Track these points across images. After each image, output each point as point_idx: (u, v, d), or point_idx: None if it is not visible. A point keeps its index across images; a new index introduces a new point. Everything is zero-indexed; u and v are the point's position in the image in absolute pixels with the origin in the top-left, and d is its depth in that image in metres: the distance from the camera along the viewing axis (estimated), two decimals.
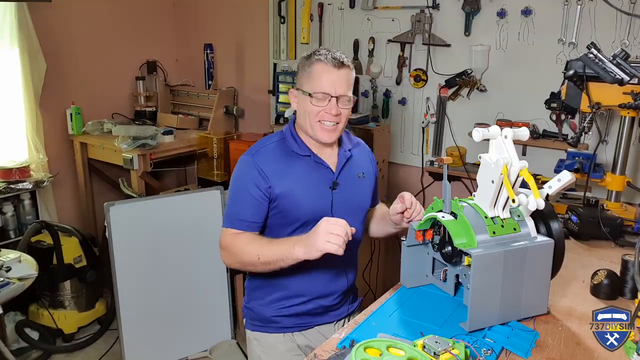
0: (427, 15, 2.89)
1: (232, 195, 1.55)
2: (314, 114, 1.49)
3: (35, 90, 3.15)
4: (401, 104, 3.11)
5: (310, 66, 1.49)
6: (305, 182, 1.52)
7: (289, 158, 1.53)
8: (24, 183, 2.99)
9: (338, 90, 1.47)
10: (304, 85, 1.51)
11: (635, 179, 2.43)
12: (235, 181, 1.55)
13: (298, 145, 1.54)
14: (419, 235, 1.34)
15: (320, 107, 1.48)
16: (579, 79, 1.77)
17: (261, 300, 1.62)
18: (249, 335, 1.68)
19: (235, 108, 3.72)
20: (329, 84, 1.47)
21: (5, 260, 2.28)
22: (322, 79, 1.47)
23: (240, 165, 1.55)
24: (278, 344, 1.61)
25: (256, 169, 1.50)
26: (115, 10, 3.63)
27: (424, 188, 3.08)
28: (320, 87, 1.47)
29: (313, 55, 1.50)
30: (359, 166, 1.63)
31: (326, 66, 1.47)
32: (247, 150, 1.57)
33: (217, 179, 3.22)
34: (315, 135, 1.52)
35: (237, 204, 1.53)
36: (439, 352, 0.97)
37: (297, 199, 1.50)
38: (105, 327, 3.07)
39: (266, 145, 1.56)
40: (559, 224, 1.27)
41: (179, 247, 2.75)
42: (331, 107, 1.47)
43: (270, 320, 1.61)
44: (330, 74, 1.46)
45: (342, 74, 1.48)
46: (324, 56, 1.47)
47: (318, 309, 1.61)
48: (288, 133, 1.57)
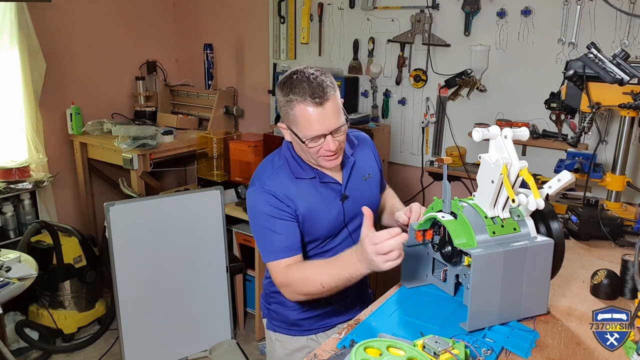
0: (427, 15, 2.89)
1: (260, 228, 1.47)
2: (313, 153, 1.43)
3: (35, 90, 3.15)
4: (401, 104, 3.11)
5: (293, 109, 1.37)
6: (317, 201, 1.50)
7: (297, 181, 1.49)
8: (23, 183, 2.99)
9: (329, 127, 1.37)
10: (292, 127, 1.41)
11: (635, 179, 2.43)
12: (256, 213, 1.47)
13: (302, 169, 1.50)
14: (419, 235, 1.34)
15: (317, 145, 1.40)
16: (578, 79, 1.77)
17: (284, 304, 1.61)
18: (271, 335, 1.68)
19: (235, 108, 3.72)
20: (318, 124, 1.36)
21: (5, 260, 2.28)
22: (310, 123, 1.36)
23: (254, 197, 1.48)
24: (302, 347, 1.63)
25: (272, 196, 1.45)
26: (115, 10, 3.63)
27: (424, 188, 3.08)
28: (311, 131, 1.37)
29: (290, 93, 1.37)
30: (364, 168, 1.61)
31: (308, 107, 1.35)
32: (251, 183, 1.51)
33: (217, 179, 3.22)
34: (320, 165, 1.48)
35: (268, 234, 1.45)
36: (439, 352, 0.97)
37: (315, 219, 1.49)
38: (105, 327, 3.06)
39: (271, 174, 1.49)
40: (559, 224, 1.27)
41: (179, 247, 2.75)
42: (328, 144, 1.39)
43: (294, 324, 1.62)
44: (315, 114, 1.35)
45: (328, 108, 1.36)
46: (301, 95, 1.35)
47: (341, 307, 1.62)
48: (290, 158, 1.51)
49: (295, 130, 1.41)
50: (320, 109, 1.36)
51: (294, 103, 1.37)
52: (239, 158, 3.05)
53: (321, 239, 1.53)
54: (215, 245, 2.85)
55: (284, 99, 1.40)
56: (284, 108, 1.41)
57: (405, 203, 1.67)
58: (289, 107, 1.39)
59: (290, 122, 1.41)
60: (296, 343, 1.63)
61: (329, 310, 1.61)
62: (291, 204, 1.45)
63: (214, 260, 2.86)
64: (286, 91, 1.39)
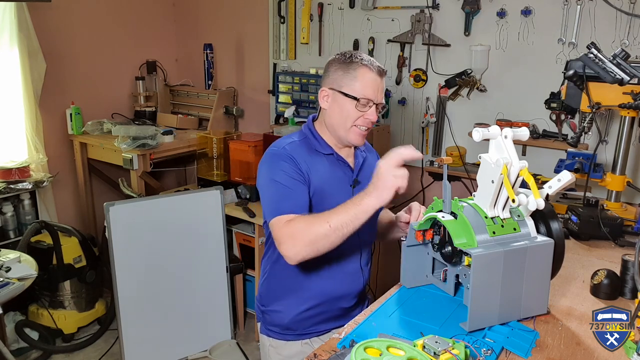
0: (427, 15, 2.89)
1: (273, 185, 1.45)
2: (352, 118, 1.48)
3: (35, 90, 3.15)
4: (401, 104, 3.11)
5: (356, 70, 1.47)
6: (329, 179, 1.52)
7: (314, 155, 1.53)
8: (23, 183, 2.99)
9: (380, 98, 1.49)
10: (345, 88, 1.48)
11: (635, 179, 2.43)
12: (272, 171, 1.46)
13: (320, 144, 1.55)
14: (419, 235, 1.34)
15: (362, 111, 1.48)
16: (579, 79, 1.77)
17: (279, 305, 1.60)
18: (265, 340, 1.66)
19: (235, 108, 3.72)
20: (373, 90, 1.47)
21: (5, 260, 2.28)
22: (368, 85, 1.46)
23: (273, 157, 1.49)
24: (296, 352, 1.61)
25: (291, 157, 1.47)
26: (115, 11, 3.63)
27: (424, 188, 3.08)
28: (366, 92, 1.46)
29: (354, 58, 1.48)
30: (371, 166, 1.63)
31: (372, 73, 1.47)
32: (271, 146, 1.54)
33: (217, 179, 3.22)
34: (347, 138, 1.52)
35: (280, 191, 1.44)
36: (439, 352, 0.97)
37: (325, 197, 1.50)
38: (105, 327, 3.06)
39: (290, 142, 1.53)
40: (559, 224, 1.27)
41: (179, 247, 2.75)
42: (372, 114, 1.48)
43: (288, 328, 1.60)
44: (375, 81, 1.47)
45: (383, 83, 1.50)
46: (367, 62, 1.47)
47: (336, 311, 1.61)
48: (309, 132, 1.57)
49: (348, 89, 1.47)
50: (379, 79, 1.48)
51: (358, 65, 1.47)
52: (239, 158, 3.05)
53: None
54: (215, 245, 2.84)
55: (343, 62, 1.48)
56: (343, 69, 1.48)
57: (405, 203, 1.67)
58: (350, 68, 1.47)
59: (345, 82, 1.47)
60: (290, 348, 1.61)
61: (324, 313, 1.60)
62: (306, 172, 1.48)
63: (214, 260, 2.86)
64: (349, 56, 1.49)
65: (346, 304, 1.62)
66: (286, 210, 1.40)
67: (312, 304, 1.57)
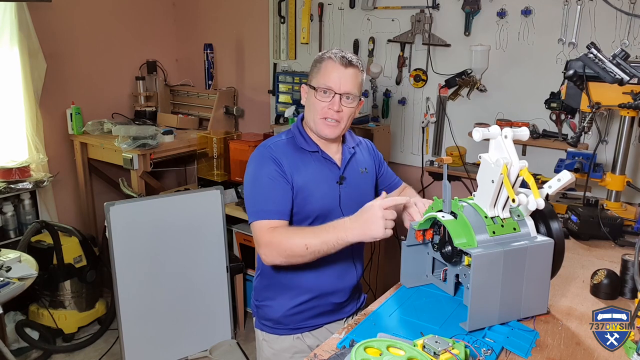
0: (427, 15, 2.89)
1: (255, 186, 1.52)
2: (317, 109, 1.53)
3: (35, 90, 3.15)
4: (401, 104, 3.11)
5: (321, 62, 1.55)
6: (315, 177, 1.55)
7: (300, 154, 1.56)
8: (24, 183, 2.99)
9: (343, 88, 1.51)
10: (312, 80, 1.57)
11: (635, 179, 2.43)
12: (256, 172, 1.53)
13: (306, 142, 1.58)
14: (419, 235, 1.34)
15: (324, 102, 1.52)
16: (578, 79, 1.77)
17: (272, 300, 1.63)
18: (259, 334, 1.69)
19: (235, 108, 3.72)
20: (335, 80, 1.51)
21: (5, 260, 2.28)
22: (329, 75, 1.52)
23: (258, 157, 1.55)
24: (288, 347, 1.62)
25: (274, 158, 1.52)
26: (115, 11, 3.63)
27: (424, 188, 3.08)
28: (325, 82, 1.52)
29: (325, 54, 1.56)
30: (362, 162, 1.68)
31: (334, 63, 1.52)
32: (259, 146, 1.59)
33: (217, 178, 3.22)
34: (318, 130, 1.55)
35: (263, 194, 1.49)
36: (439, 352, 0.97)
37: (310, 195, 1.53)
38: (105, 327, 3.07)
39: (277, 141, 1.59)
40: (559, 224, 1.27)
41: (179, 247, 2.75)
42: (333, 103, 1.51)
43: (280, 322, 1.62)
44: (337, 71, 1.51)
45: (349, 73, 1.52)
46: (334, 55, 1.53)
47: (328, 306, 1.62)
48: (296, 130, 1.61)
49: (314, 82, 1.55)
50: (342, 69, 1.51)
51: (325, 59, 1.55)
52: (239, 158, 3.05)
53: (312, 217, 1.54)
54: (215, 245, 2.85)
55: (317, 59, 1.58)
56: (314, 64, 1.58)
57: None
58: (318, 62, 1.56)
59: (313, 76, 1.56)
60: (282, 342, 1.63)
61: (315, 308, 1.61)
62: (289, 171, 1.51)
63: (214, 260, 2.86)
64: (322, 53, 1.58)
65: (338, 300, 1.64)
66: (267, 215, 1.47)
67: (303, 299, 1.59)
